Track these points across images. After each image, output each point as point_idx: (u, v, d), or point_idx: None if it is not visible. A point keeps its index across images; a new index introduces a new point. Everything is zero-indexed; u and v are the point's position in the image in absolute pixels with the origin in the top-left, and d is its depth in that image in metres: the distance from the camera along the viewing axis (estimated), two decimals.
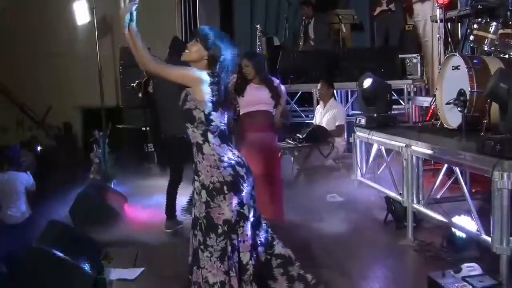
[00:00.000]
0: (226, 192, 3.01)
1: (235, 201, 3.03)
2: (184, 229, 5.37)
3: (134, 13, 3.08)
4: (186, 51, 3.15)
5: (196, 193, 3.14)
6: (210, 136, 3.06)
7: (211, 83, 3.03)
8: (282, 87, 5.40)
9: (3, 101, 9.58)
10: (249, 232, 3.08)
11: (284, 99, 5.44)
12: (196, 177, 3.13)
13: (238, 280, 3.01)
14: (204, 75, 3.04)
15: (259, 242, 3.22)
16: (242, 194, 3.06)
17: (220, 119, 3.08)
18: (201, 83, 3.01)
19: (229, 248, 3.01)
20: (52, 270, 3.69)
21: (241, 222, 3.05)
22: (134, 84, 8.10)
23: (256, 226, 3.19)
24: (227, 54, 3.12)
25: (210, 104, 3.03)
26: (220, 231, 3.01)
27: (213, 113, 3.04)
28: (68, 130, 9.57)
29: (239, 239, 3.05)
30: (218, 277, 3.00)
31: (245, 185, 3.07)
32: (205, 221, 3.05)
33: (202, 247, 3.04)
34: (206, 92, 3.02)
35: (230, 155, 3.08)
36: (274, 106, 5.18)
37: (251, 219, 3.12)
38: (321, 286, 3.30)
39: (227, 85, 3.16)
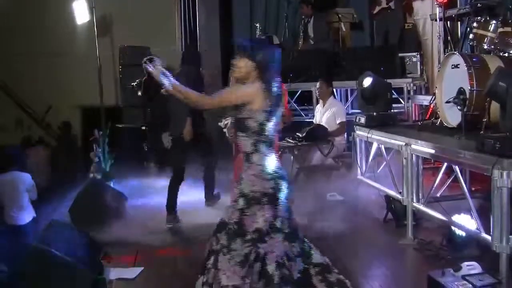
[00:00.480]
0: (264, 203, 3.06)
1: (270, 213, 3.07)
2: (182, 228, 5.38)
3: (165, 71, 3.11)
4: (235, 69, 3.20)
5: (233, 204, 3.17)
6: (260, 146, 3.11)
7: (266, 91, 3.09)
8: (283, 86, 5.39)
9: (2, 101, 9.58)
10: (278, 244, 3.08)
11: (286, 98, 5.44)
12: (236, 184, 3.19)
13: None
14: (259, 86, 3.09)
15: (296, 253, 3.20)
16: (278, 207, 3.10)
17: (271, 129, 3.13)
18: (259, 95, 3.07)
19: (253, 256, 3.02)
20: (52, 269, 3.69)
21: (271, 233, 3.07)
22: (135, 84, 8.07)
23: (291, 238, 3.18)
24: (272, 56, 3.19)
25: (264, 114, 3.08)
26: (248, 237, 3.04)
27: (266, 123, 3.09)
28: (68, 129, 9.55)
29: (266, 250, 3.05)
30: (232, 280, 3.00)
31: (283, 198, 3.12)
32: (236, 227, 3.08)
33: (225, 250, 3.07)
34: (263, 102, 3.07)
35: (275, 167, 3.14)
36: None
37: (286, 231, 3.13)
38: None
39: (279, 91, 3.21)
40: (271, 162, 3.13)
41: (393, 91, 6.58)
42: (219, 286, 3.03)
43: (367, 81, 5.92)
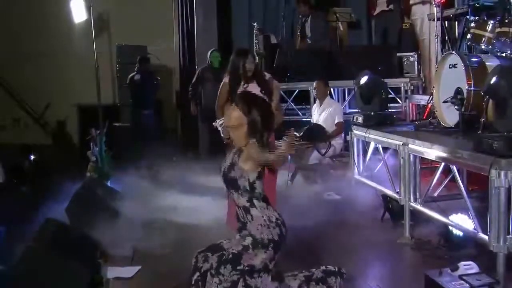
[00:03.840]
0: (270, 249, 3.08)
1: (270, 257, 3.09)
2: (180, 228, 5.37)
3: None
4: (226, 117, 3.19)
5: (240, 235, 3.17)
6: (255, 201, 3.12)
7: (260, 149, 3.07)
8: (275, 82, 5.34)
9: (0, 99, 9.57)
10: (270, 284, 3.11)
11: (277, 95, 5.37)
12: (242, 225, 3.18)
13: None
14: (255, 145, 3.07)
15: None
16: (278, 253, 3.13)
17: (262, 185, 3.13)
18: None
19: (241, 284, 3.03)
20: (49, 269, 3.68)
21: (261, 272, 3.09)
22: None
23: (277, 277, 3.21)
24: (268, 113, 3.16)
25: (255, 174, 3.08)
26: (239, 267, 3.04)
27: (257, 181, 3.09)
28: (62, 128, 9.53)
29: (258, 286, 3.07)
30: None
31: (284, 243, 3.15)
32: (231, 256, 3.08)
33: (213, 271, 3.06)
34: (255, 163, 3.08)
35: (276, 215, 3.15)
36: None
37: (273, 271, 3.16)
38: None
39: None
40: (271, 211, 3.15)
41: (390, 91, 6.59)
42: None
43: (364, 79, 5.94)
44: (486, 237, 3.74)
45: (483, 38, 5.22)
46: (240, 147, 3.14)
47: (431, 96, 5.72)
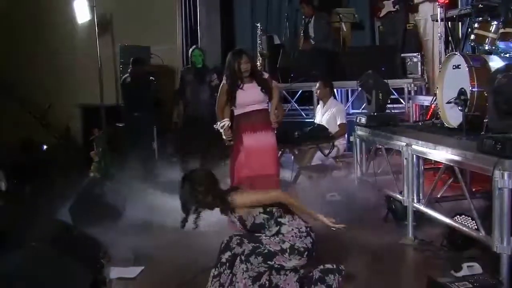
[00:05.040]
0: (305, 256, 3.21)
1: (303, 263, 3.24)
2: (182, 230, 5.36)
3: None
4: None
5: (280, 240, 3.25)
6: (281, 220, 3.27)
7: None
8: (274, 82, 5.36)
9: (2, 99, 9.57)
10: (293, 284, 3.23)
11: (277, 93, 5.36)
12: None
13: None
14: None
15: None
16: (310, 260, 3.26)
17: (268, 209, 3.28)
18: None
19: (265, 277, 3.16)
20: (51, 269, 3.68)
21: (288, 271, 3.22)
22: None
23: (301, 280, 3.31)
24: None
25: (257, 208, 3.24)
26: (269, 262, 3.17)
27: (263, 207, 3.25)
28: (65, 129, 9.54)
29: (280, 283, 3.21)
30: None
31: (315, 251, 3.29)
32: (266, 251, 3.18)
33: (243, 257, 3.17)
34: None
35: (304, 223, 3.28)
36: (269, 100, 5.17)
37: (300, 274, 3.28)
38: None
39: None
40: (299, 221, 3.27)
41: (393, 91, 6.57)
42: None
43: (366, 79, 5.97)
44: (489, 238, 3.74)
45: (487, 39, 5.22)
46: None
47: (435, 97, 5.71)
